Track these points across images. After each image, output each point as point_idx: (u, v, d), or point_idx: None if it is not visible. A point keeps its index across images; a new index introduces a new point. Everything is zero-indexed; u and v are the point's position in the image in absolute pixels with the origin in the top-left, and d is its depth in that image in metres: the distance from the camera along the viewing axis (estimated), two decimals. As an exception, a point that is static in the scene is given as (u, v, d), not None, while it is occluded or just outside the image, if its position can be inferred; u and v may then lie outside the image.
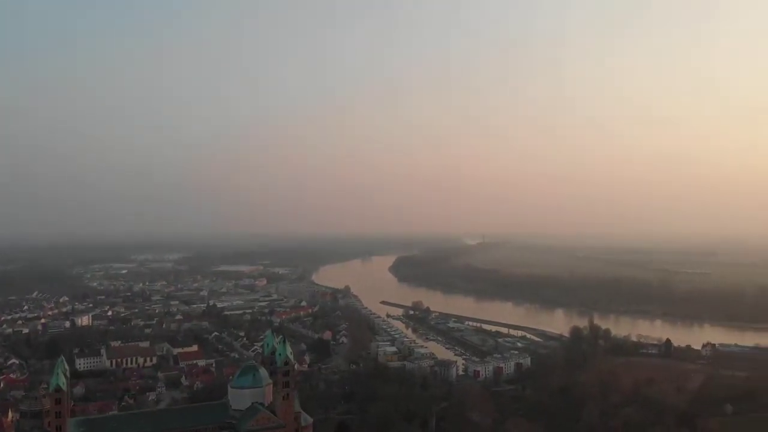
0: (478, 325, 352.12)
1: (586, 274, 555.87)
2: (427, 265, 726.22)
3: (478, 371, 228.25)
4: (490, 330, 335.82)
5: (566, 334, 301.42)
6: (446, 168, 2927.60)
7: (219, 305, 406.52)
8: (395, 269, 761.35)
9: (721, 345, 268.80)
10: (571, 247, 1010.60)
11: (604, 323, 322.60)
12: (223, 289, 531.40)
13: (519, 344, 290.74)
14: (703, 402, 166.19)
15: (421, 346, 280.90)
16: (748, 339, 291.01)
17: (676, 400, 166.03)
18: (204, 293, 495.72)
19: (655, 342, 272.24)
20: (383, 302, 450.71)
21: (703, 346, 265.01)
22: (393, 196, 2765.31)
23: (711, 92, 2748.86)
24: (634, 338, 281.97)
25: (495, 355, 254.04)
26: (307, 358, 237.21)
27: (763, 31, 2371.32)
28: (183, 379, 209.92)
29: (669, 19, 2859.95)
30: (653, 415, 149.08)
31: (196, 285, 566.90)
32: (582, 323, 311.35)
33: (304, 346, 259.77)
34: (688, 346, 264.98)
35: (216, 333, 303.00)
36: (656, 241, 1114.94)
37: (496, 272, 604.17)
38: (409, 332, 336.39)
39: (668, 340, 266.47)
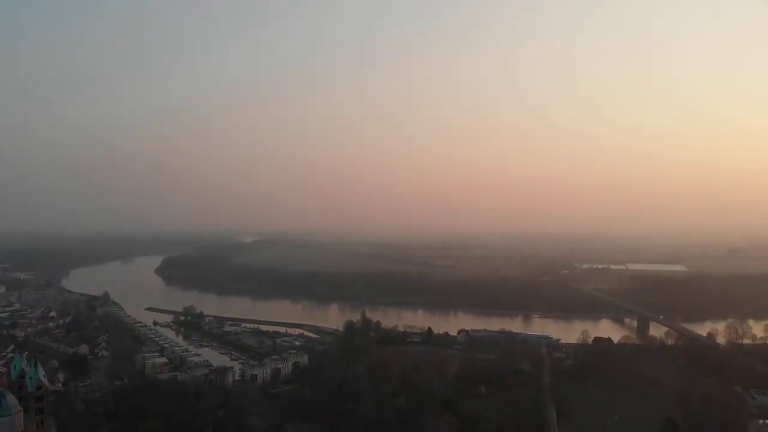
0: (256, 326, 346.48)
1: (356, 269, 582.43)
2: (199, 265, 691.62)
3: (256, 374, 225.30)
4: (268, 331, 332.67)
5: (341, 328, 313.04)
6: (221, 162, 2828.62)
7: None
8: (162, 271, 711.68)
9: (473, 330, 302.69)
10: (341, 244, 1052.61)
11: (375, 316, 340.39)
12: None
13: (297, 343, 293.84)
14: (461, 385, 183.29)
15: (195, 354, 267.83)
16: (494, 324, 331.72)
17: (439, 386, 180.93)
18: None
19: (419, 331, 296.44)
20: (149, 309, 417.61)
21: (459, 332, 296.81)
22: (159, 191, 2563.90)
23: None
24: (401, 328, 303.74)
25: (273, 357, 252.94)
26: (60, 377, 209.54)
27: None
28: None
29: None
30: (421, 401, 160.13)
31: None
32: (355, 317, 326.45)
33: (56, 363, 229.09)
34: (446, 333, 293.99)
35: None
36: (415, 236, 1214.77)
37: (273, 270, 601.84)
38: (180, 340, 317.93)
39: (429, 329, 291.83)
